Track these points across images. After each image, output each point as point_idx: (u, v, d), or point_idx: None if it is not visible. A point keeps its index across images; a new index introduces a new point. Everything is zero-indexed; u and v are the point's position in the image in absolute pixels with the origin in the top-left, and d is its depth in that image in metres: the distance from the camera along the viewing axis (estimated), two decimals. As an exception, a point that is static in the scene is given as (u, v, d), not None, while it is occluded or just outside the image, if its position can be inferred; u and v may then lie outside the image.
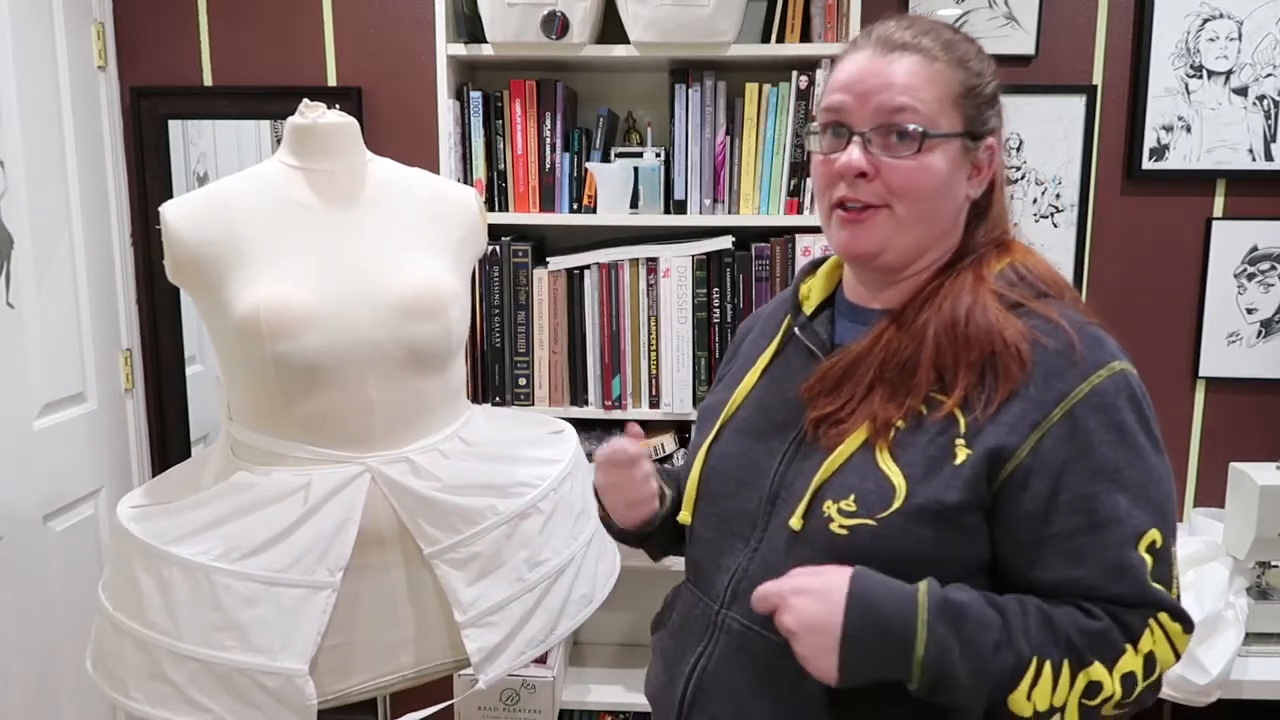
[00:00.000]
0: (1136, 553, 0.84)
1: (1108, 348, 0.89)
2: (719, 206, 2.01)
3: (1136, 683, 0.84)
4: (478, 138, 2.00)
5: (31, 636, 1.89)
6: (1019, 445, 0.85)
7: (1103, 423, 0.86)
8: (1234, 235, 2.14)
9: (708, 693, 0.96)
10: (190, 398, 2.29)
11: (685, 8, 1.83)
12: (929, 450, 0.87)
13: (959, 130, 0.92)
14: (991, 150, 0.95)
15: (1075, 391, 0.86)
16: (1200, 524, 2.07)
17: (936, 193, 0.91)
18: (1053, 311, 0.90)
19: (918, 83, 0.90)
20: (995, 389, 0.87)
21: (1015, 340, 0.87)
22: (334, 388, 1.31)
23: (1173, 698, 1.70)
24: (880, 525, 0.86)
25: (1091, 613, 0.85)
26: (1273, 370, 2.17)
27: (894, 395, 0.90)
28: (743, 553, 0.96)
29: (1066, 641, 0.83)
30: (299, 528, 1.28)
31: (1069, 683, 0.83)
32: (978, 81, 0.93)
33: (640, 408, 2.04)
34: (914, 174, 0.90)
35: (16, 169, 1.85)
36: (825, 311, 1.04)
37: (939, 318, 0.90)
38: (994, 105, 0.96)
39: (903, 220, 0.91)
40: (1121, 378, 0.87)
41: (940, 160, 0.90)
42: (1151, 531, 0.85)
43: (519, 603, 1.37)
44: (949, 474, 0.86)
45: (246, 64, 2.19)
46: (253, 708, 1.25)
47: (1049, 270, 0.95)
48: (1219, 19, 2.08)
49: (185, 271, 1.34)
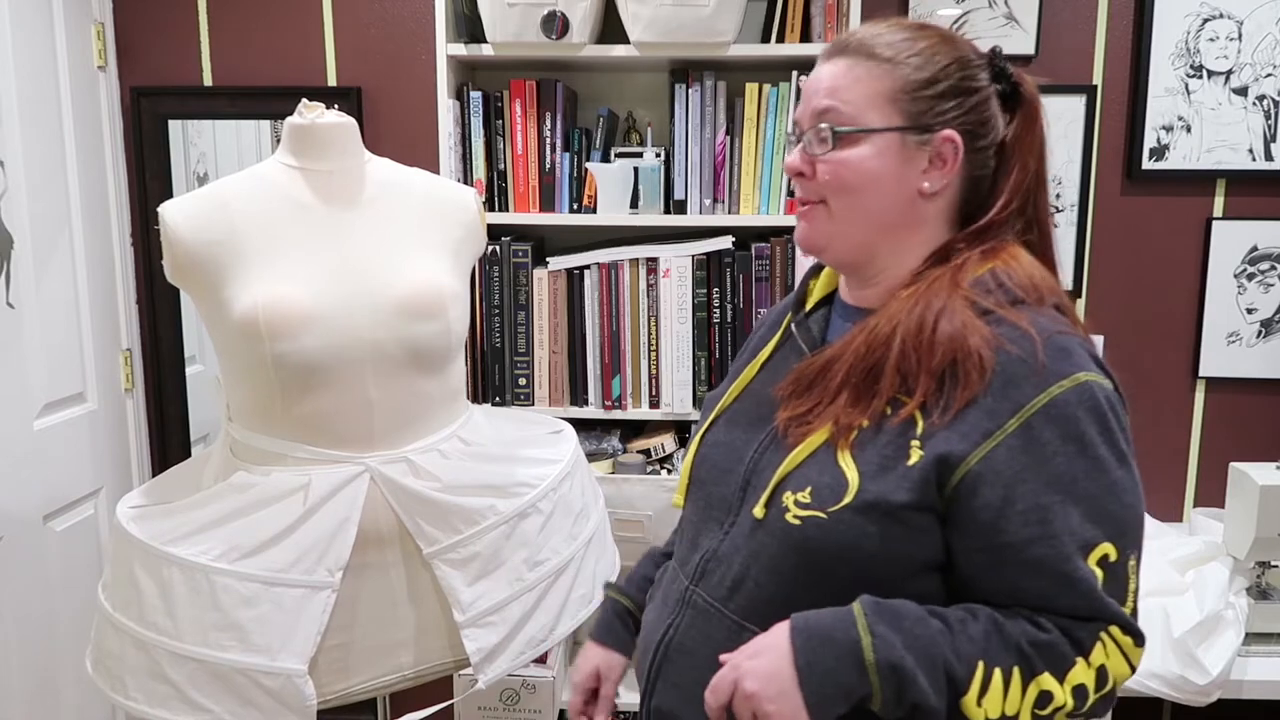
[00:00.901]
0: (1087, 565, 0.84)
1: (1074, 358, 0.88)
2: (719, 206, 2.01)
3: (1088, 694, 0.85)
4: (478, 138, 2.00)
5: (31, 636, 1.89)
6: (969, 452, 0.86)
7: (1060, 434, 0.85)
8: (1234, 235, 2.14)
9: (672, 662, 1.01)
10: (190, 398, 2.29)
11: (685, 8, 1.83)
12: (886, 450, 0.89)
13: (893, 124, 0.93)
14: (952, 142, 0.94)
15: (1033, 402, 0.85)
16: (1200, 524, 2.07)
17: (863, 185, 0.94)
18: (1023, 319, 0.89)
19: (842, 83, 0.95)
20: (954, 395, 0.87)
21: (978, 347, 0.87)
22: (333, 388, 1.31)
23: (1173, 697, 1.70)
24: (830, 518, 0.88)
25: (1041, 625, 0.85)
26: (1273, 370, 2.17)
27: (858, 400, 0.92)
28: (716, 535, 1.00)
29: (1017, 650, 0.84)
30: (298, 528, 1.28)
31: (1020, 692, 0.83)
32: (922, 75, 0.94)
33: (640, 408, 2.04)
34: (835, 169, 0.94)
35: (16, 169, 1.85)
36: (823, 309, 1.07)
37: (906, 322, 0.91)
38: (956, 95, 0.94)
39: (837, 214, 0.96)
40: (1086, 389, 0.86)
41: (866, 154, 0.94)
42: (1104, 545, 0.85)
43: (518, 603, 1.37)
44: (900, 474, 0.87)
45: (246, 64, 2.19)
46: (252, 708, 1.25)
47: (1030, 276, 0.93)
48: (1219, 19, 2.08)
49: (185, 271, 1.34)
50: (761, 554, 0.94)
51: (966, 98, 0.95)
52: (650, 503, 1.94)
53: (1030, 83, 0.99)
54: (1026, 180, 0.97)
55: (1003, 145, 0.98)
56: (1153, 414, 2.20)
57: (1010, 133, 0.98)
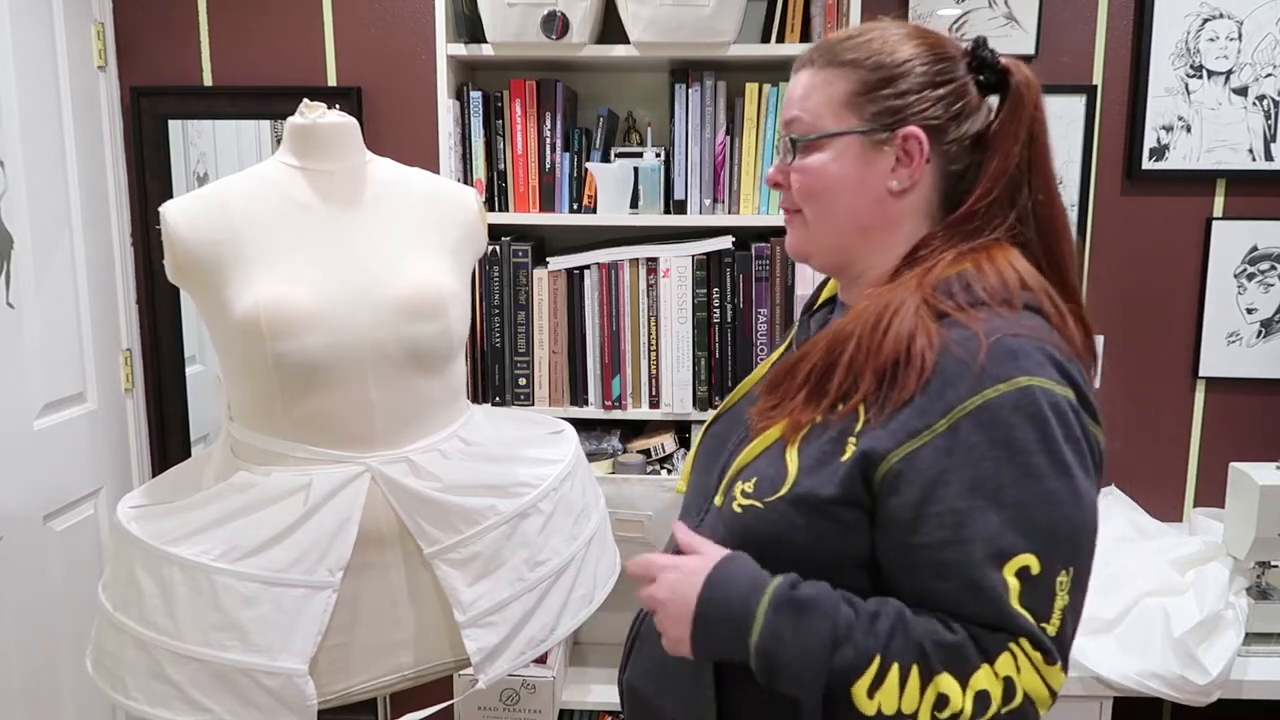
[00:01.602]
0: (999, 574, 0.82)
1: (1020, 362, 0.84)
2: (719, 206, 2.01)
3: (990, 704, 0.82)
4: (478, 138, 2.00)
5: (31, 636, 1.89)
6: (891, 450, 0.85)
7: (988, 438, 0.83)
8: (1234, 235, 2.14)
9: (644, 640, 1.07)
10: (190, 398, 2.29)
11: (685, 8, 1.83)
12: (825, 446, 0.90)
13: (851, 128, 0.94)
14: (915, 139, 0.93)
15: (965, 404, 0.84)
16: (1200, 524, 2.07)
17: (828, 189, 0.97)
18: (976, 321, 0.87)
19: (802, 93, 0.98)
20: (890, 395, 0.87)
21: (922, 349, 0.86)
22: (334, 388, 1.31)
23: (1173, 697, 1.70)
24: (765, 508, 0.91)
25: (950, 626, 0.84)
26: (1273, 370, 2.17)
27: (811, 398, 0.93)
28: (693, 521, 1.05)
29: (918, 647, 0.83)
30: (299, 528, 1.28)
31: (918, 690, 0.82)
32: (876, 76, 0.94)
33: (640, 408, 2.04)
34: (801, 177, 0.98)
35: (16, 169, 1.85)
36: (828, 307, 1.10)
37: (862, 322, 0.91)
38: (915, 92, 0.94)
39: (811, 221, 0.99)
40: (1027, 394, 0.83)
41: (827, 160, 0.96)
42: (1023, 556, 0.82)
43: (519, 603, 1.37)
44: (832, 469, 0.88)
45: (246, 64, 2.19)
46: (252, 708, 1.25)
47: (1001, 277, 0.91)
48: (1219, 19, 2.08)
49: (185, 271, 1.34)
50: (714, 540, 0.96)
51: (929, 91, 0.94)
52: (650, 503, 1.94)
53: (1022, 70, 0.96)
54: (1009, 169, 0.94)
55: (987, 135, 0.96)
56: (1153, 414, 2.20)
57: (995, 122, 0.96)
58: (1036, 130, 0.96)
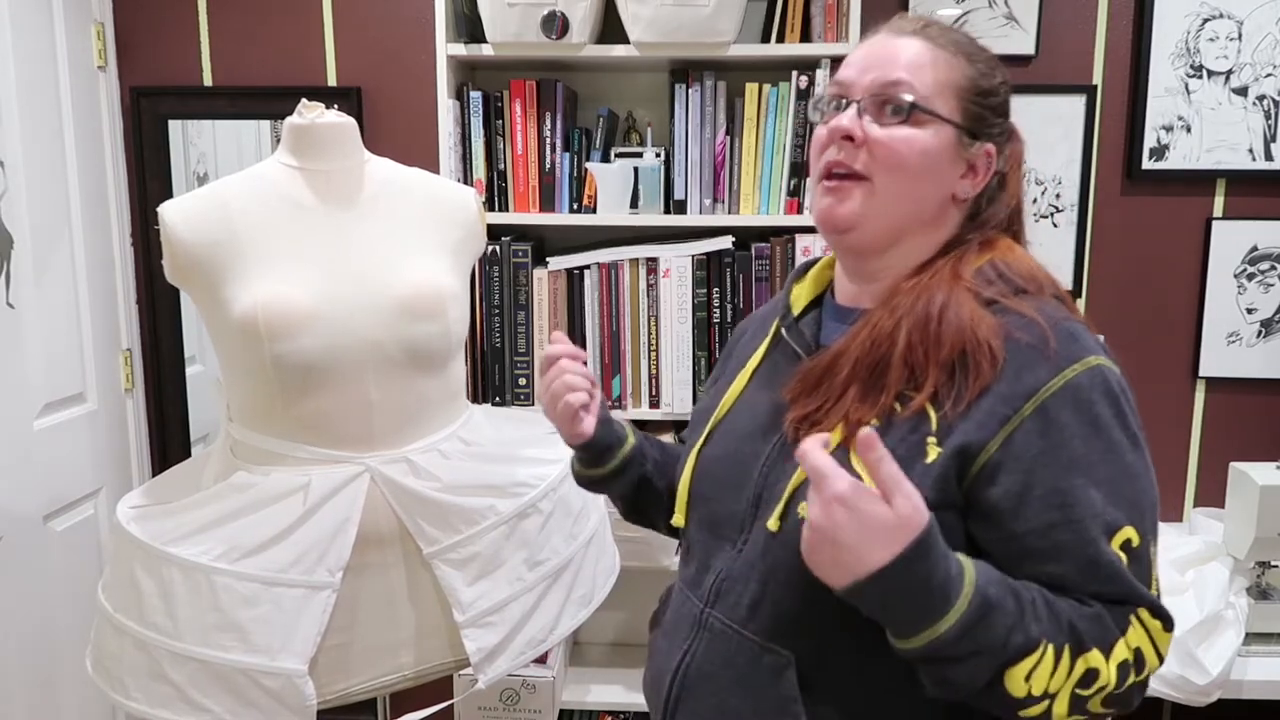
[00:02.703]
0: (1111, 549, 0.84)
1: (1083, 343, 0.88)
2: (719, 206, 2.01)
3: (1129, 674, 0.84)
4: (478, 138, 2.00)
5: (31, 636, 1.89)
6: (988, 440, 0.85)
7: (1076, 417, 0.85)
8: (1234, 235, 2.14)
9: (691, 690, 0.98)
10: (190, 398, 2.29)
11: (685, 8, 1.83)
12: (900, 449, 0.86)
13: (955, 119, 0.93)
14: (990, 156, 0.96)
15: (1048, 385, 0.85)
16: (1200, 524, 2.07)
17: (919, 169, 0.92)
18: (1028, 307, 0.89)
19: (919, 63, 0.93)
20: (966, 386, 0.86)
21: (988, 337, 0.87)
22: (333, 388, 1.31)
23: (1173, 697, 1.70)
24: None
25: (1085, 601, 0.84)
26: (1273, 370, 2.17)
27: (866, 394, 0.90)
28: (729, 554, 0.97)
29: (1069, 626, 0.82)
30: (298, 528, 1.28)
31: (1068, 668, 0.82)
32: (985, 83, 0.95)
33: (640, 407, 2.04)
34: (898, 143, 0.92)
35: (16, 169, 1.85)
36: (812, 313, 1.05)
37: (912, 315, 0.90)
38: (1001, 114, 0.97)
39: (882, 194, 0.93)
40: (1098, 372, 0.86)
41: (928, 138, 0.92)
42: (1126, 529, 0.84)
43: (518, 603, 1.37)
44: (919, 472, 0.85)
45: (246, 64, 2.19)
46: (252, 708, 1.25)
47: (1029, 267, 0.94)
48: (1219, 19, 2.08)
49: (184, 272, 1.34)
50: (779, 569, 0.91)
51: (1004, 119, 0.98)
52: (650, 503, 1.94)
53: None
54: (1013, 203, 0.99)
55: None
56: (1153, 414, 2.20)
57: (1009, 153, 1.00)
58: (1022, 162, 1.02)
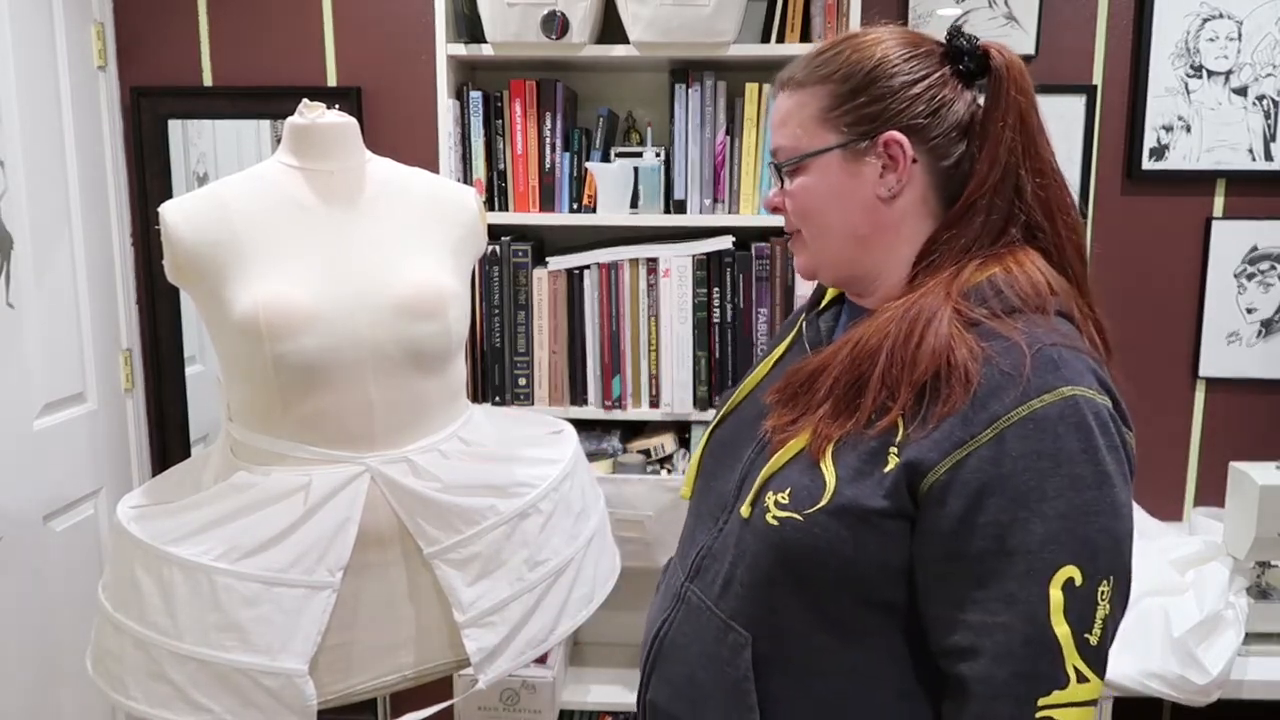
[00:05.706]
0: (1039, 588, 0.82)
1: (1064, 371, 0.84)
2: (719, 206, 2.01)
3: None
4: (478, 138, 2.00)
5: (31, 636, 1.89)
6: (938, 461, 0.84)
7: (1034, 448, 0.82)
8: (1234, 235, 2.14)
9: (666, 657, 1.03)
10: (190, 398, 2.29)
11: (685, 8, 1.83)
12: (863, 456, 0.88)
13: (830, 144, 0.94)
14: (896, 143, 0.92)
15: (1009, 415, 0.83)
16: (1200, 524, 2.07)
17: (822, 207, 0.97)
18: (1014, 330, 0.87)
19: (780, 119, 0.99)
20: (934, 409, 0.86)
21: (964, 360, 0.85)
22: (333, 388, 1.31)
23: (1172, 697, 1.70)
24: (805, 520, 0.89)
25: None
26: (1273, 370, 2.17)
27: (838, 413, 0.91)
28: (711, 531, 1.01)
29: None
30: (299, 528, 1.28)
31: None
32: (850, 85, 0.93)
33: (640, 408, 2.04)
34: (794, 199, 0.99)
35: (16, 169, 1.85)
36: (836, 307, 1.07)
37: (893, 334, 0.90)
38: (892, 98, 0.92)
39: (810, 240, 1.00)
40: (1071, 403, 0.83)
41: (814, 179, 0.97)
42: (1067, 568, 0.82)
43: (519, 603, 1.37)
44: (876, 479, 0.87)
45: (246, 64, 2.19)
46: (252, 708, 1.25)
47: (1034, 281, 0.90)
48: (1219, 19, 2.08)
49: (184, 272, 1.34)
50: (746, 554, 0.94)
51: (904, 92, 0.92)
52: (650, 503, 1.94)
53: (1002, 53, 0.94)
54: (1001, 156, 0.92)
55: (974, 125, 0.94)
56: (1153, 414, 2.20)
57: (981, 109, 0.94)
58: (1025, 111, 0.93)
